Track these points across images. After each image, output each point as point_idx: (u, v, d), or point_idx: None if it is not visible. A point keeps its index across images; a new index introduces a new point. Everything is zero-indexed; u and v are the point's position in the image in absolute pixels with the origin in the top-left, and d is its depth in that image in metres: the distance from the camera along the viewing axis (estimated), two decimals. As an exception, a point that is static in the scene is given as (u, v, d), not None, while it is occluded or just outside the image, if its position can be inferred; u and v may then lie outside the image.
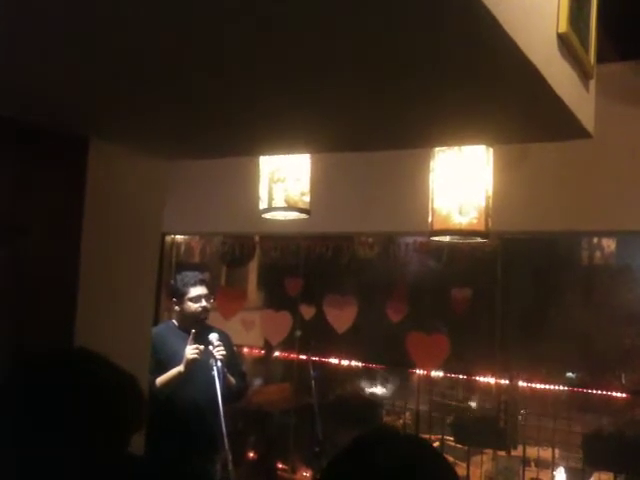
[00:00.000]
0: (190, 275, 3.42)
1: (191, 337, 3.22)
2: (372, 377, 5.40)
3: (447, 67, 1.24)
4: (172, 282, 3.46)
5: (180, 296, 3.37)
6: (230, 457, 3.00)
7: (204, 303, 3.37)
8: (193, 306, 3.35)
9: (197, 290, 3.37)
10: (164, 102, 1.61)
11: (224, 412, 3.02)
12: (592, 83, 1.68)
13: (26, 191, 1.85)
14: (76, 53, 1.29)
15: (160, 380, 3.18)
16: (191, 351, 3.20)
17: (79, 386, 1.35)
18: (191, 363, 3.19)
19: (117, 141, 2.00)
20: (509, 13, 1.09)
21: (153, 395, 2.33)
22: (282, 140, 1.98)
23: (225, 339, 3.37)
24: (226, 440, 2.99)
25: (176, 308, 3.42)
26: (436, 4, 1.00)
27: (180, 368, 3.20)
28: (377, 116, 1.64)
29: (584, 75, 1.59)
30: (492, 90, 1.37)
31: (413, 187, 2.83)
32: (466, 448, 4.46)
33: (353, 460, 1.07)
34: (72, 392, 1.34)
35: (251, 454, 4.88)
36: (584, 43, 1.53)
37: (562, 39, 1.39)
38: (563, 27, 1.36)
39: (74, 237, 1.94)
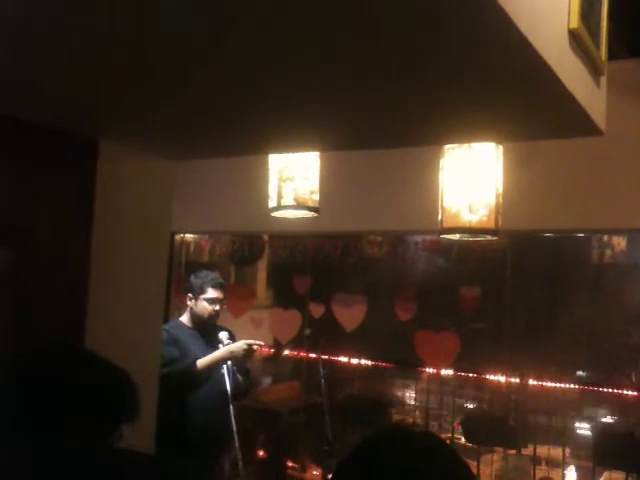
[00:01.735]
0: (211, 276, 3.45)
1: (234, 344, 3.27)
2: (381, 375, 5.39)
3: (458, 64, 1.24)
4: (192, 278, 3.47)
5: (196, 293, 3.40)
6: (240, 455, 3.01)
7: (217, 307, 3.40)
8: (207, 307, 3.38)
9: (215, 293, 3.40)
10: (171, 103, 1.61)
11: (233, 410, 3.03)
12: (603, 79, 1.67)
13: (37, 191, 1.86)
14: (85, 58, 1.30)
15: (201, 362, 3.21)
16: (244, 346, 3.22)
17: (64, 380, 1.36)
18: (237, 357, 3.20)
19: (126, 142, 2.01)
20: (520, 9, 1.08)
21: (166, 390, 2.35)
22: (290, 138, 1.98)
23: (231, 337, 3.39)
24: (236, 438, 3.00)
25: (189, 303, 3.43)
26: (448, 1, 0.99)
27: (223, 355, 3.22)
28: (387, 114, 1.64)
29: (595, 71, 1.58)
30: (503, 86, 1.36)
31: (422, 185, 2.82)
32: (476, 447, 4.44)
33: (365, 459, 1.06)
34: (56, 386, 1.35)
35: (261, 452, 4.88)
36: (595, 39, 1.52)
37: (573, 35, 1.38)
38: (574, 23, 1.36)
39: (84, 237, 1.95)
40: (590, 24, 1.46)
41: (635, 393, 4.38)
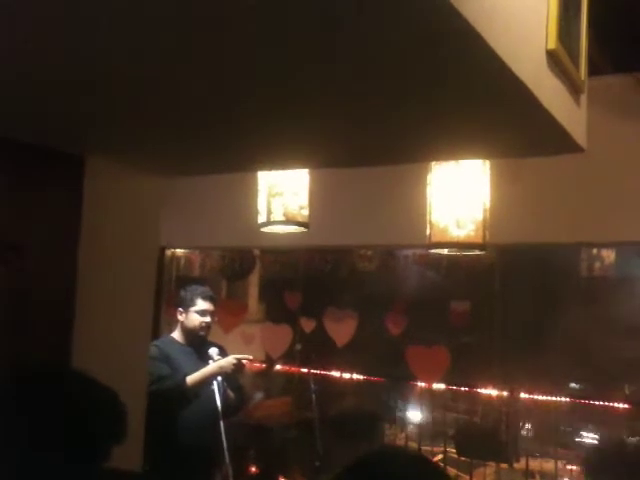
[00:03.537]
0: (201, 289, 3.45)
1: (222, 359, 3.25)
2: (373, 390, 5.38)
3: (437, 86, 1.26)
4: (182, 292, 3.47)
5: (186, 306, 3.39)
6: (230, 471, 2.99)
7: (208, 319, 3.39)
8: (197, 319, 3.36)
9: (205, 304, 3.39)
10: (159, 119, 1.63)
11: (224, 426, 3.02)
12: (583, 98, 1.69)
13: (23, 209, 1.87)
14: (73, 79, 1.31)
15: (191, 379, 3.18)
16: (233, 361, 3.21)
17: (51, 400, 1.37)
18: (227, 372, 3.19)
19: (113, 159, 2.02)
20: (497, 32, 1.10)
21: (155, 407, 2.34)
22: (280, 156, 1.99)
23: (222, 353, 3.38)
24: (226, 454, 2.98)
25: (180, 318, 3.43)
26: (423, 24, 1.01)
27: (213, 371, 3.20)
28: (375, 133, 1.66)
29: (575, 90, 1.60)
30: (483, 107, 1.38)
31: (411, 200, 2.84)
32: (469, 461, 4.44)
33: None
34: (43, 406, 1.35)
35: (252, 468, 4.85)
36: (574, 59, 1.54)
37: (551, 56, 1.40)
38: (552, 44, 1.38)
39: (71, 253, 1.95)
40: (569, 44, 1.48)
41: (628, 406, 4.38)
